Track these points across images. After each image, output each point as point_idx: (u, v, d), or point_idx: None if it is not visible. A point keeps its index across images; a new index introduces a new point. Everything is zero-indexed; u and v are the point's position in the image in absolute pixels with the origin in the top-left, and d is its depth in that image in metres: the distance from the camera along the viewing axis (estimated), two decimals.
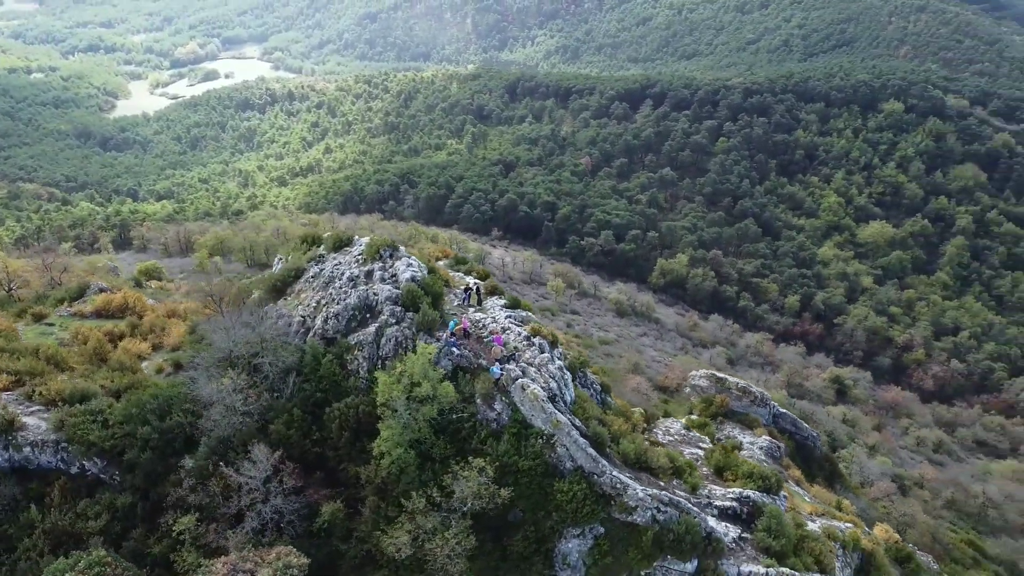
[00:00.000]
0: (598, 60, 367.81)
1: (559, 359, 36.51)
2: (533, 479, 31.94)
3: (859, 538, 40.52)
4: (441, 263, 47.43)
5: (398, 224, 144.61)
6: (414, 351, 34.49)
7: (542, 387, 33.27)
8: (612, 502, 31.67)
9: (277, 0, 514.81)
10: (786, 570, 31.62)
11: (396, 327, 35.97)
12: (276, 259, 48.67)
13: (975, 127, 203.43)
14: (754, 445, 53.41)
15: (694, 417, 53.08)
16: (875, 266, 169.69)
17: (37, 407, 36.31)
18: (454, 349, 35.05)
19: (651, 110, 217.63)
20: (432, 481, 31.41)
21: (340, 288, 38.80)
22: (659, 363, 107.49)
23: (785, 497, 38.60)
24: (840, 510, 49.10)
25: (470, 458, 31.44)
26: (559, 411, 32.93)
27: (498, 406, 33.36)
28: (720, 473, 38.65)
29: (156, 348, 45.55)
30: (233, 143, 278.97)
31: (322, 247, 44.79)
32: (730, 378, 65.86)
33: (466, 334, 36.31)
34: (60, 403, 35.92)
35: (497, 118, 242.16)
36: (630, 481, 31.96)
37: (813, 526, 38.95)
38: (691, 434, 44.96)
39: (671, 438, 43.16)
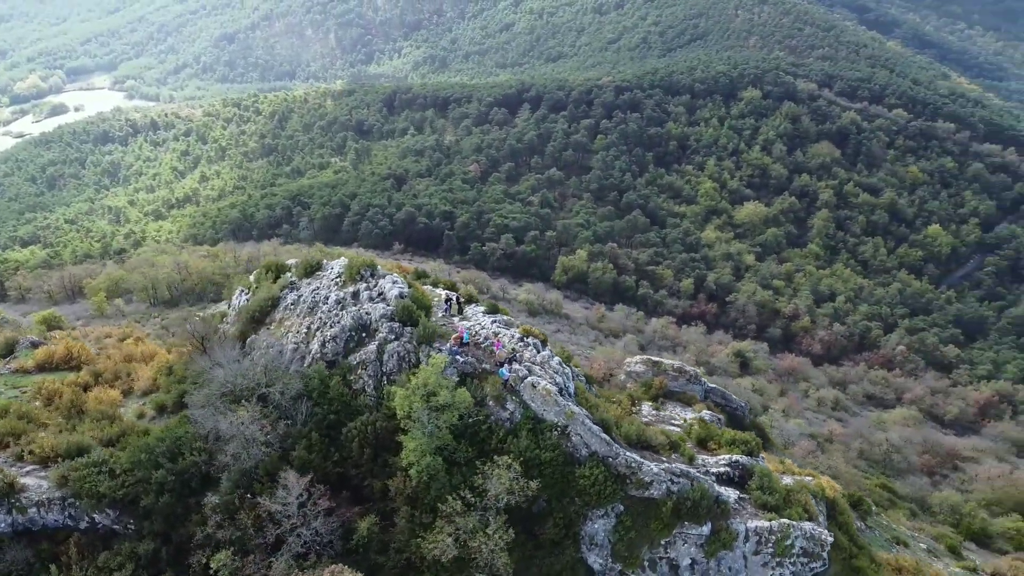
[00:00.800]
0: (467, 68, 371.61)
1: (555, 356, 38.73)
2: (555, 469, 34.01)
3: (824, 488, 44.98)
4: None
5: (300, 247, 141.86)
6: (417, 364, 35.89)
7: (550, 383, 35.39)
8: (628, 480, 34.21)
9: (123, 26, 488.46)
10: (786, 521, 35.18)
11: (396, 342, 37.07)
12: (238, 291, 48.32)
13: (825, 108, 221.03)
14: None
15: None
16: (754, 244, 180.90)
17: (31, 466, 35.09)
18: (458, 357, 36.54)
19: (530, 113, 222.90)
20: (463, 483, 32.92)
21: (329, 311, 39.42)
22: (579, 356, 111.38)
23: (763, 459, 42.40)
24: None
25: (495, 457, 33.19)
26: (569, 403, 35.19)
27: (510, 406, 35.19)
28: (703, 444, 41.94)
29: (125, 394, 44.40)
30: (96, 179, 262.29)
31: (291, 274, 45.04)
32: (665, 360, 69.88)
33: (463, 342, 37.86)
34: (57, 459, 34.86)
35: (378, 132, 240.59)
36: (642, 459, 34.61)
37: (787, 481, 42.92)
38: (662, 413, 48.19)
39: (646, 418, 46.16)
